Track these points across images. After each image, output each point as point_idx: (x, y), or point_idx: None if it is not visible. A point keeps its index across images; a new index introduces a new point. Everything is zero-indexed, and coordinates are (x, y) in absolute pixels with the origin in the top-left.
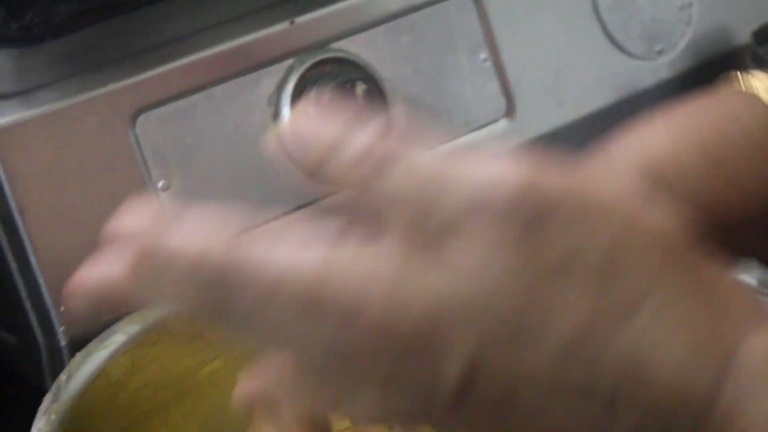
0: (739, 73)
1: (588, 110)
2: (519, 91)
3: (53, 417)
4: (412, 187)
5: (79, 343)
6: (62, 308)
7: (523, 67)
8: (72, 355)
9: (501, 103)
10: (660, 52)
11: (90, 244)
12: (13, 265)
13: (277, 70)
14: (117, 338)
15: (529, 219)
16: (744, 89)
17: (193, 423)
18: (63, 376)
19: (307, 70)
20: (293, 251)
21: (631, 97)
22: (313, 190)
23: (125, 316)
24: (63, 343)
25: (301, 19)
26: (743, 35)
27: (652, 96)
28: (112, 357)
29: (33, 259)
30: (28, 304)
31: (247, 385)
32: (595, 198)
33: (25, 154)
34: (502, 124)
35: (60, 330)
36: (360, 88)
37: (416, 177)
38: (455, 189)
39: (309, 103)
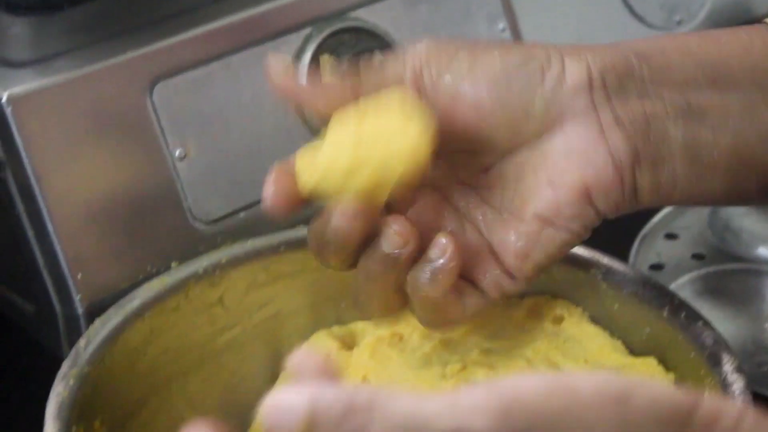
0: None
1: None
2: None
3: (72, 382)
4: None
5: (96, 311)
6: (79, 275)
7: (542, 37)
8: (89, 322)
9: None
10: (679, 23)
11: (107, 213)
12: (31, 233)
13: (295, 38)
14: (135, 304)
15: None
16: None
17: (212, 390)
18: (82, 342)
19: (325, 39)
20: None
21: None
22: None
23: (144, 282)
24: (80, 310)
25: None
26: (762, 6)
27: None
28: (131, 323)
29: (50, 227)
30: (45, 272)
31: None
32: (572, 407)
33: (42, 121)
34: None
35: (77, 298)
36: (377, 57)
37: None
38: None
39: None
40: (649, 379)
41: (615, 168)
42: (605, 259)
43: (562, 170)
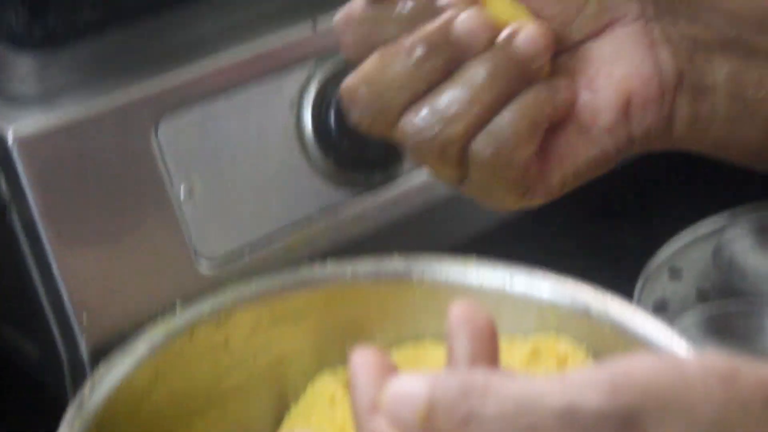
0: None
1: None
2: None
3: (77, 427)
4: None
5: (100, 353)
6: (84, 317)
7: None
8: (94, 365)
9: None
10: None
11: (111, 253)
12: (36, 274)
13: (299, 74)
14: (140, 348)
15: (621, 425)
16: None
17: None
18: (87, 386)
19: (330, 74)
20: None
21: None
22: (334, 196)
23: (149, 323)
24: (85, 352)
25: (322, 22)
26: None
27: None
28: (136, 367)
29: (55, 268)
30: (50, 315)
31: None
32: (678, 385)
33: (47, 158)
34: None
35: (82, 339)
36: None
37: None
38: (544, 415)
39: None
40: (756, 361)
41: (660, 82)
42: (609, 299)
43: (607, 74)
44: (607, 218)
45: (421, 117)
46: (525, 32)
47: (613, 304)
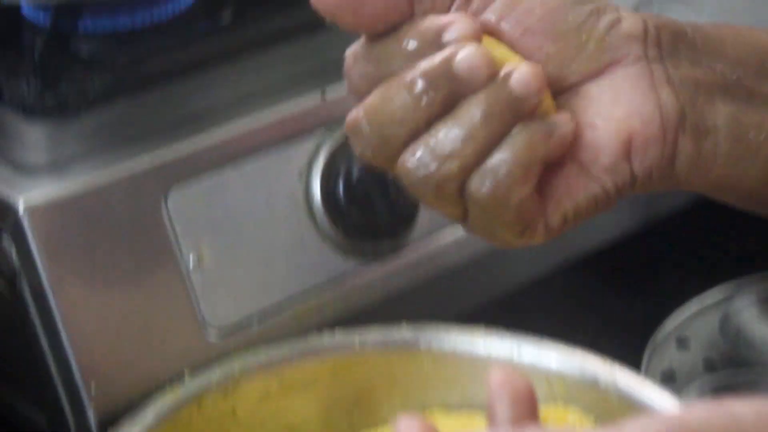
0: None
1: None
2: None
3: None
4: None
5: (108, 422)
6: (93, 385)
7: None
8: None
9: None
10: None
11: (120, 321)
12: (44, 342)
13: (308, 143)
14: (148, 417)
15: None
16: None
17: None
18: None
19: (338, 144)
20: None
21: None
22: (343, 265)
23: (157, 392)
24: (93, 421)
25: (331, 92)
26: None
27: None
28: None
29: (64, 337)
30: (58, 383)
31: None
32: (731, 429)
33: (57, 227)
34: None
35: (90, 408)
36: None
37: None
38: None
39: None
40: None
41: (661, 123)
42: (617, 369)
43: (607, 115)
44: (615, 288)
45: (417, 155)
46: (518, 72)
47: (621, 374)
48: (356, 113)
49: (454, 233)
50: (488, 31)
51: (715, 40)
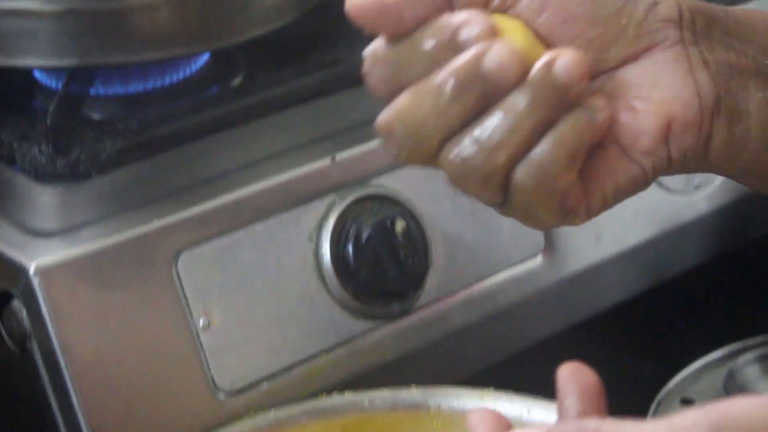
0: None
1: (626, 245)
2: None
3: None
4: None
5: None
6: None
7: None
8: None
9: (539, 238)
10: (697, 187)
11: (131, 384)
12: (55, 404)
13: (318, 206)
14: None
15: None
16: None
17: None
18: None
19: (348, 207)
20: None
21: (670, 232)
22: (352, 327)
23: None
24: None
25: (341, 155)
26: None
27: (691, 230)
28: None
29: (74, 399)
30: None
31: None
32: None
33: (68, 291)
34: (539, 260)
35: None
36: (400, 224)
37: None
38: None
39: None
40: None
41: (699, 107)
42: None
43: (647, 99)
44: (619, 348)
45: (462, 147)
46: (563, 60)
47: None
48: (388, 117)
49: (463, 295)
50: (527, 19)
51: (746, 25)
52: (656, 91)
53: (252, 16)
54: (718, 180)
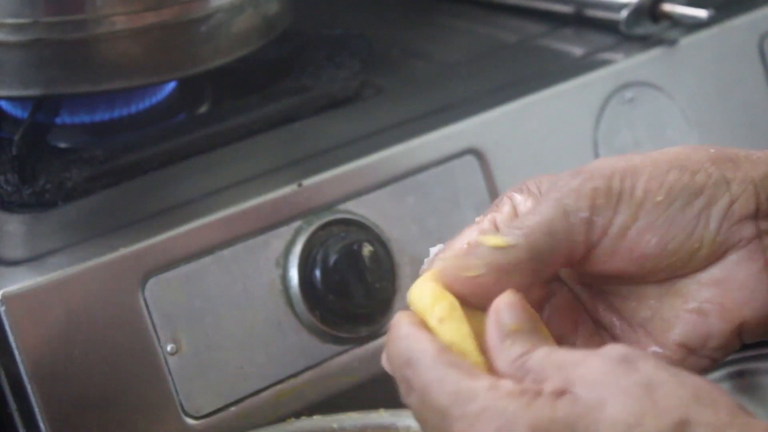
0: None
1: None
2: None
3: None
4: None
5: None
6: None
7: None
8: None
9: None
10: None
11: (99, 410)
12: (22, 431)
13: (285, 231)
14: None
15: None
16: None
17: None
18: None
19: (315, 232)
20: None
21: None
22: (320, 350)
23: None
24: None
25: (308, 182)
26: None
27: None
28: None
29: (42, 426)
30: None
31: None
32: None
33: (35, 319)
34: None
35: None
36: (367, 249)
37: None
38: None
39: None
40: None
41: None
42: None
43: (719, 302)
44: None
45: None
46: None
47: None
48: None
49: None
50: (603, 266)
51: None
52: (728, 293)
53: (217, 44)
54: None
